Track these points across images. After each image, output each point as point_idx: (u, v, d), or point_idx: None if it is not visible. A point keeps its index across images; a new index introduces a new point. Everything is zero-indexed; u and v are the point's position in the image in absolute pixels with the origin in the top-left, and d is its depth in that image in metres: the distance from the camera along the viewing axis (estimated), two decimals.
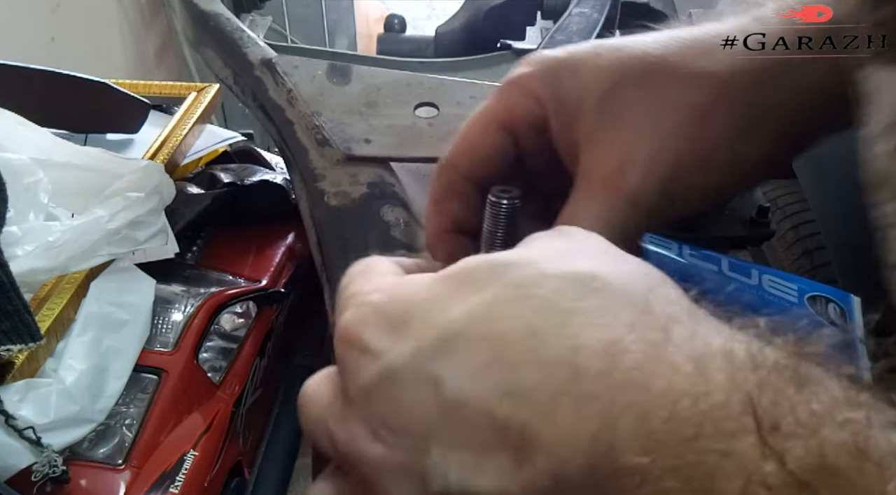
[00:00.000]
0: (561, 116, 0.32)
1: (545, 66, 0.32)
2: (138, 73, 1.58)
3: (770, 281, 0.71)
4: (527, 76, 0.32)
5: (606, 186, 0.30)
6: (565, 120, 0.31)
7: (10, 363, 0.53)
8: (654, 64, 0.31)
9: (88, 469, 0.56)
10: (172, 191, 0.68)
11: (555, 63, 0.32)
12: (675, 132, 0.30)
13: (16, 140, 0.66)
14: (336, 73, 0.55)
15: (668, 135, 0.30)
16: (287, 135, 0.55)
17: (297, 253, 0.83)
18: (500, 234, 0.32)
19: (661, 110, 0.30)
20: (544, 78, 0.32)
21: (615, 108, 0.30)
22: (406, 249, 0.50)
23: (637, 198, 0.30)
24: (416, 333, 0.21)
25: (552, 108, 0.32)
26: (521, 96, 0.32)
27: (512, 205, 0.32)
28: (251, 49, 0.57)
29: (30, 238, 0.59)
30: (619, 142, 0.30)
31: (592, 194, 0.31)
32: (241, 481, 0.69)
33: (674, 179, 0.30)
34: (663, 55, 0.31)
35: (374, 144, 0.53)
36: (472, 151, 0.33)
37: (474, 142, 0.33)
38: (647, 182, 0.30)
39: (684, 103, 0.30)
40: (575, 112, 0.31)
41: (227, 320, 0.73)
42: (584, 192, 0.31)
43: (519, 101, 0.32)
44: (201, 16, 0.61)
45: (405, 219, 0.51)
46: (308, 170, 0.53)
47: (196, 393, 0.65)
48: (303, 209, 0.55)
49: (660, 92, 0.30)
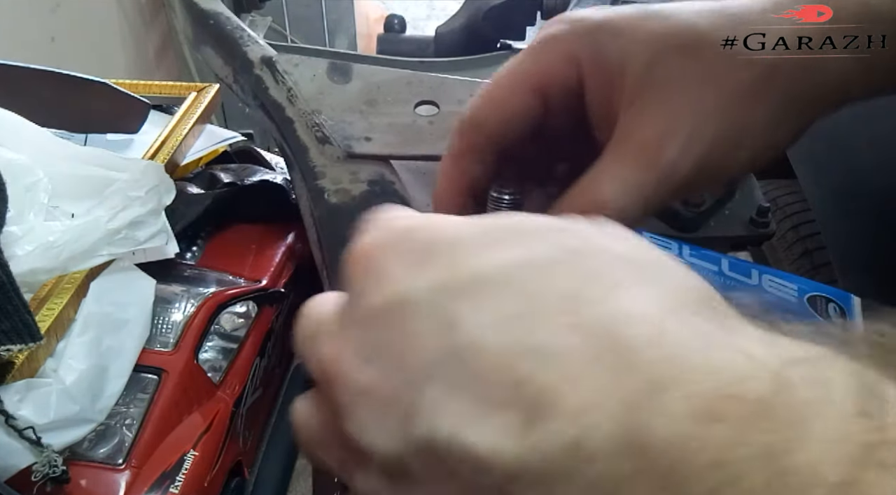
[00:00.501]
0: (600, 80, 0.31)
1: (585, 27, 0.31)
2: (138, 73, 1.58)
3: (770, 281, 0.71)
4: (565, 35, 0.31)
5: (642, 153, 0.29)
6: (605, 84, 0.30)
7: (10, 363, 0.53)
8: (703, 37, 0.30)
9: (88, 469, 0.56)
10: (172, 191, 0.68)
11: (595, 25, 0.31)
12: (718, 110, 0.29)
13: (16, 140, 0.66)
14: (336, 71, 0.55)
15: (711, 113, 0.29)
16: (287, 133, 0.55)
17: (297, 253, 0.83)
18: None
19: (706, 85, 0.30)
20: (583, 39, 0.31)
21: (661, 75, 0.30)
22: None
23: (671, 171, 0.29)
24: (442, 268, 0.19)
25: (591, 70, 0.31)
26: (558, 57, 0.31)
27: (514, 200, 0.32)
28: (251, 47, 0.57)
29: (30, 238, 0.59)
30: (661, 112, 0.29)
31: (626, 158, 0.30)
32: (241, 481, 0.68)
33: (708, 157, 0.30)
34: (711, 30, 0.30)
35: (374, 142, 0.53)
36: (500, 111, 0.32)
37: (503, 102, 0.32)
38: (684, 157, 0.29)
39: (730, 81, 0.30)
40: (617, 76, 0.30)
41: (227, 320, 0.73)
42: (617, 155, 0.30)
43: (555, 62, 0.31)
44: (201, 15, 0.61)
45: None
46: (308, 168, 0.53)
47: (196, 393, 0.65)
48: (303, 207, 0.55)
49: (707, 66, 0.30)
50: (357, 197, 0.52)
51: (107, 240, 0.61)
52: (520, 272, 0.19)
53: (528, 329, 0.18)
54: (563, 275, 0.19)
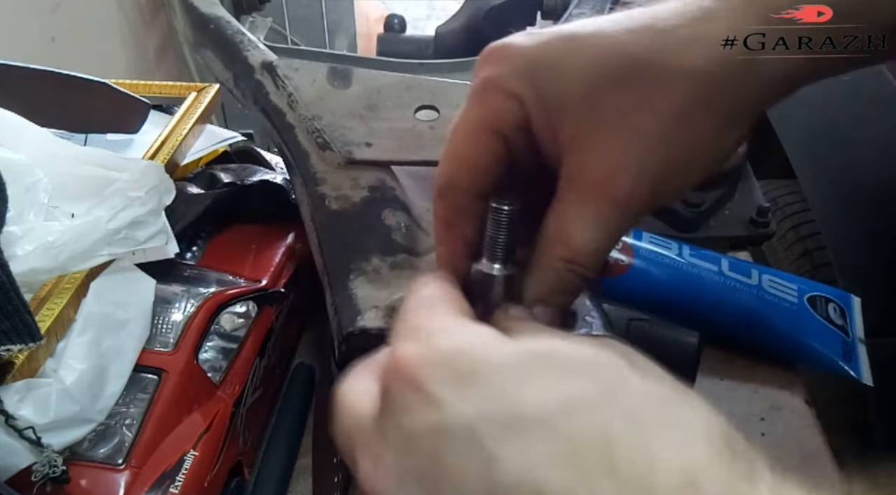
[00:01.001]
0: (543, 117, 0.31)
1: (520, 64, 0.31)
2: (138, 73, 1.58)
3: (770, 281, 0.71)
4: (503, 76, 0.31)
5: (598, 192, 0.30)
6: (548, 121, 0.31)
7: (10, 363, 0.54)
8: (633, 63, 0.30)
9: (88, 469, 0.56)
10: (172, 191, 0.68)
11: (530, 61, 0.31)
12: (660, 135, 0.30)
13: (16, 140, 0.66)
14: (336, 76, 0.55)
15: (654, 139, 0.30)
16: (288, 138, 0.55)
17: (297, 253, 0.83)
18: (502, 242, 0.32)
19: (643, 113, 0.30)
20: (521, 76, 0.31)
21: (598, 110, 0.30)
22: (407, 253, 0.50)
23: (630, 203, 0.30)
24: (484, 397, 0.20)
25: (535, 107, 0.31)
26: (503, 98, 0.31)
27: (513, 211, 0.32)
28: (251, 52, 0.57)
29: (30, 238, 0.59)
30: (606, 148, 0.30)
31: (584, 199, 0.30)
32: (241, 481, 0.68)
33: (662, 181, 0.30)
34: (640, 52, 0.30)
35: (374, 148, 0.53)
36: (469, 165, 0.32)
37: (468, 155, 0.32)
38: (639, 187, 0.30)
39: (666, 104, 0.30)
40: (557, 113, 0.30)
41: (227, 320, 0.73)
42: (574, 196, 0.30)
43: (500, 103, 0.31)
44: (201, 19, 0.61)
45: (406, 223, 0.52)
46: (309, 173, 0.53)
47: (196, 393, 0.65)
48: (304, 213, 0.55)
49: (641, 93, 0.30)
50: (358, 203, 0.52)
51: (107, 240, 0.61)
52: (559, 411, 0.19)
53: (566, 473, 0.18)
54: (599, 417, 0.19)
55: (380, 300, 0.47)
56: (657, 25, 0.31)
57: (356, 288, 0.48)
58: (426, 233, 0.52)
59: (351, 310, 0.47)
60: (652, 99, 0.30)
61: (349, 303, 0.48)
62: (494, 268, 0.33)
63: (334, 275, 0.50)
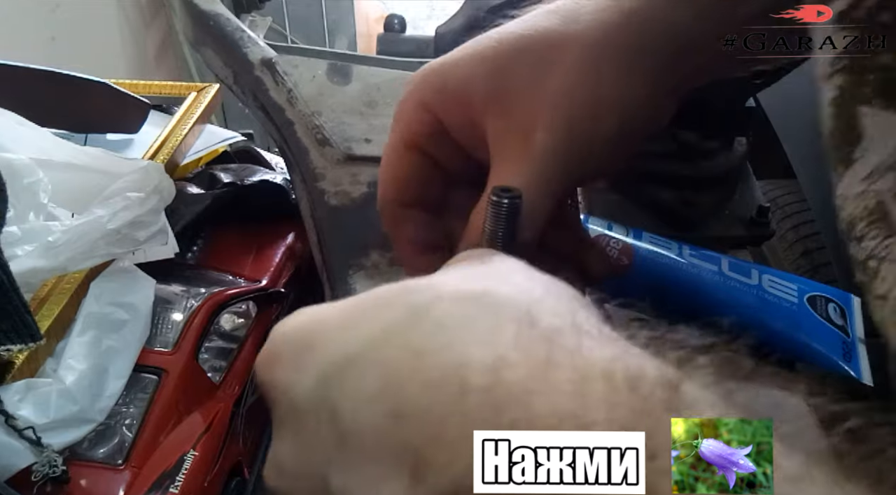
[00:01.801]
0: (453, 110, 0.33)
1: (426, 76, 0.34)
2: (138, 73, 1.58)
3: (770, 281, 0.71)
4: (412, 92, 0.34)
5: (516, 149, 0.31)
6: (458, 110, 0.33)
7: (10, 363, 0.54)
8: (532, 37, 0.32)
9: (88, 469, 0.56)
10: (172, 191, 0.68)
11: (434, 70, 0.34)
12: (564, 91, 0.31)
13: (16, 140, 0.66)
14: (336, 72, 0.55)
15: (559, 95, 0.31)
16: (287, 134, 0.55)
17: (297, 253, 0.83)
18: (501, 234, 0.32)
19: (545, 73, 0.32)
20: (426, 85, 0.34)
21: (502, 81, 0.32)
22: None
23: (547, 153, 0.31)
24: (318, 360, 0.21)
25: (442, 106, 0.33)
26: (413, 111, 0.34)
27: (512, 204, 0.32)
28: (251, 49, 0.57)
29: (30, 238, 0.59)
30: (518, 111, 0.32)
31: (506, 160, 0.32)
32: (241, 481, 0.68)
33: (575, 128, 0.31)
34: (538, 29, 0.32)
35: (374, 144, 0.53)
36: (395, 180, 0.35)
37: (393, 171, 0.35)
38: (552, 135, 0.31)
39: (566, 61, 0.32)
40: (465, 99, 0.32)
41: (227, 320, 0.73)
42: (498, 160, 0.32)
43: (412, 116, 0.34)
44: (201, 16, 0.61)
45: None
46: (308, 169, 0.53)
47: (196, 393, 0.65)
48: (303, 209, 0.55)
49: (541, 58, 0.32)
50: (357, 199, 0.52)
51: (107, 240, 0.61)
52: (374, 343, 0.20)
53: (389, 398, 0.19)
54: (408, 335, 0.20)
55: None
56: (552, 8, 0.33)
57: (355, 283, 0.49)
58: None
59: None
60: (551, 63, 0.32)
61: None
62: None
63: (333, 271, 0.50)
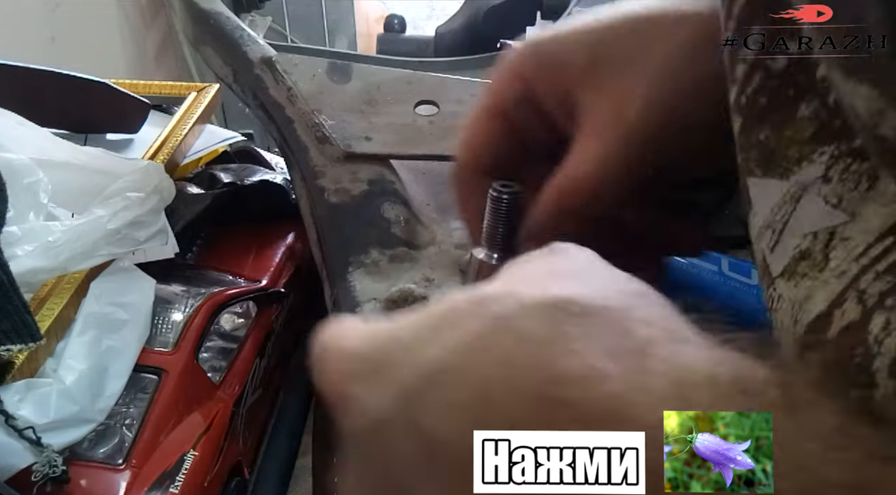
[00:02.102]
0: (548, 77, 0.33)
1: (525, 48, 0.34)
2: (138, 73, 1.58)
3: None
4: (509, 60, 0.34)
5: (604, 126, 0.31)
6: (553, 78, 0.33)
7: (10, 363, 0.53)
8: (638, 17, 0.32)
9: (88, 469, 0.56)
10: (172, 191, 0.68)
11: (533, 41, 0.33)
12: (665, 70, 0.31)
13: (16, 140, 0.66)
14: (336, 71, 0.55)
15: (659, 73, 0.31)
16: (287, 133, 0.55)
17: (297, 253, 0.83)
18: (502, 230, 0.32)
19: (648, 51, 0.31)
20: (525, 55, 0.33)
21: (603, 52, 0.32)
22: (406, 246, 0.50)
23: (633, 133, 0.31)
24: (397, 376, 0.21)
25: (537, 73, 0.33)
26: (505, 78, 0.34)
27: (513, 199, 0.32)
28: (251, 47, 0.57)
29: (30, 238, 0.59)
30: (612, 86, 0.31)
31: (591, 135, 0.31)
32: (241, 481, 0.68)
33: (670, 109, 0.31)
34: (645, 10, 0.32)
35: (374, 142, 0.53)
36: (474, 146, 0.34)
37: (473, 136, 0.34)
38: (644, 117, 0.31)
39: (670, 43, 0.31)
40: (562, 68, 0.32)
41: (227, 320, 0.73)
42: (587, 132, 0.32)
43: (504, 83, 0.34)
44: (201, 14, 0.61)
45: (405, 217, 0.52)
46: (308, 167, 0.53)
47: (196, 393, 0.65)
48: (303, 207, 0.55)
49: (646, 36, 0.31)
50: (357, 196, 0.52)
51: (107, 240, 0.61)
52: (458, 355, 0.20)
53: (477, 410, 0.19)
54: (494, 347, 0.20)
55: (379, 292, 0.47)
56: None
57: (355, 280, 0.48)
58: (425, 226, 0.52)
59: (350, 302, 0.47)
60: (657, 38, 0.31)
61: (348, 296, 0.48)
62: (494, 257, 0.33)
63: (333, 268, 0.50)
